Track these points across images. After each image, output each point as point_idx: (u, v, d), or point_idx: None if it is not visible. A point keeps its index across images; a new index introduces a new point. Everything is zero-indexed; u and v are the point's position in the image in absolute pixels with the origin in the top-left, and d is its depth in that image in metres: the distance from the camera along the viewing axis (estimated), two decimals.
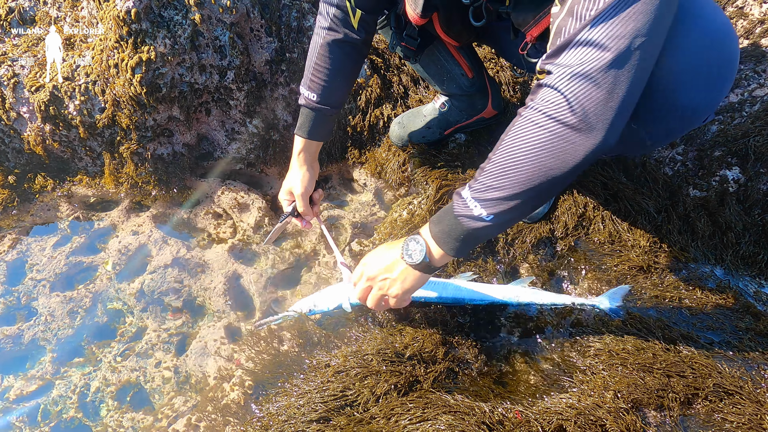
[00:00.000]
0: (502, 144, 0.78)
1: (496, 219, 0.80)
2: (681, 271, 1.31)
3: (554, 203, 1.43)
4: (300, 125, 1.27)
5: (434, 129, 1.55)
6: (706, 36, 0.79)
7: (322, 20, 1.18)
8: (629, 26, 0.67)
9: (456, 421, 0.97)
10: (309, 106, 1.24)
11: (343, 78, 1.23)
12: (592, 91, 0.69)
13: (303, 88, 1.24)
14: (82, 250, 1.58)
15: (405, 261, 0.95)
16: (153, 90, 1.50)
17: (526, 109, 0.76)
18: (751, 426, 0.95)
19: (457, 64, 1.38)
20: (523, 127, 0.75)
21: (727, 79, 0.82)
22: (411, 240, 0.94)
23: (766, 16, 1.60)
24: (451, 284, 1.24)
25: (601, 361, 1.12)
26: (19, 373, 1.34)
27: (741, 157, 1.43)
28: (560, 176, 0.75)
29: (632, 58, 0.68)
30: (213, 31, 1.52)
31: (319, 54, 1.19)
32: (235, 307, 1.44)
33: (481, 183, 0.80)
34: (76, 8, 1.69)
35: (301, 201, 1.30)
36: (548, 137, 0.72)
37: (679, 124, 0.84)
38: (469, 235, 0.84)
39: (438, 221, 0.90)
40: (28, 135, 1.62)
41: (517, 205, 0.78)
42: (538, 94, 0.75)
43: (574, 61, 0.70)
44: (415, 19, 1.09)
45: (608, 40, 0.68)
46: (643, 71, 0.71)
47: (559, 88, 0.71)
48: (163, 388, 1.29)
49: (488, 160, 0.80)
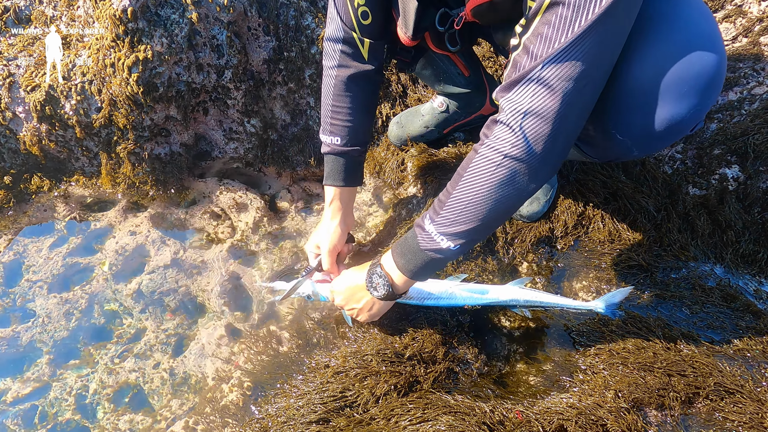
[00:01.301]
0: (461, 180, 0.84)
1: (462, 248, 0.88)
2: (681, 270, 1.31)
3: (554, 202, 1.43)
4: (328, 174, 1.21)
5: (432, 128, 1.55)
6: (683, 46, 0.78)
7: (330, 61, 1.13)
8: (576, 70, 0.72)
9: (456, 421, 0.97)
10: (335, 152, 1.18)
11: (365, 113, 1.18)
12: (541, 129, 0.76)
13: (324, 135, 1.19)
14: (78, 250, 1.57)
15: (370, 293, 1.04)
16: (150, 89, 1.49)
17: (482, 146, 0.82)
18: (752, 425, 0.95)
19: (453, 64, 1.37)
20: (480, 165, 0.82)
21: (708, 90, 0.80)
22: (374, 274, 1.02)
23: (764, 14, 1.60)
24: (444, 290, 1.21)
25: (601, 360, 1.12)
26: (16, 375, 1.33)
27: (740, 155, 1.42)
28: (516, 204, 0.85)
29: (577, 99, 0.74)
30: (210, 30, 1.51)
31: (335, 95, 1.14)
32: (234, 307, 1.43)
33: (445, 218, 0.87)
34: (72, 7, 1.68)
35: (328, 258, 1.21)
36: (504, 173, 0.79)
37: (663, 134, 0.83)
38: (434, 264, 0.93)
39: (402, 254, 0.96)
40: (24, 135, 1.61)
41: (480, 233, 0.87)
42: (493, 131, 0.80)
43: (524, 99, 0.76)
44: (406, 41, 1.07)
45: (557, 82, 0.73)
46: (586, 110, 0.78)
47: (511, 126, 0.77)
48: (161, 390, 1.28)
49: (448, 194, 0.86)
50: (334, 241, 1.22)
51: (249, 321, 1.40)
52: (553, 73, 0.72)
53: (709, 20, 0.82)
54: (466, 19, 0.99)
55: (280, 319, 1.38)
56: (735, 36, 1.62)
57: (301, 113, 1.71)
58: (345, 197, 1.24)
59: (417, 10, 0.98)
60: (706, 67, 0.77)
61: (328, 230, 1.23)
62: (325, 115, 1.17)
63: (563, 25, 0.70)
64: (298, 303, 1.39)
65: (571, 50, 0.70)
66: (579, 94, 0.74)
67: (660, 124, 0.81)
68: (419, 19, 1.00)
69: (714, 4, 1.70)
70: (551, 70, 0.72)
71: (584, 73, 0.72)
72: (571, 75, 0.72)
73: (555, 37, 0.71)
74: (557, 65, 0.72)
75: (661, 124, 0.81)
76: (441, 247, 0.89)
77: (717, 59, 0.78)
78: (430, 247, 0.90)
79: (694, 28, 0.79)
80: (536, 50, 0.73)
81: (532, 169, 0.79)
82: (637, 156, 0.90)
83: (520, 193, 0.82)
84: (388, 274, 1.00)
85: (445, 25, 1.02)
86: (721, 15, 1.68)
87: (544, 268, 1.37)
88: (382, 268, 1.01)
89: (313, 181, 1.78)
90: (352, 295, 1.10)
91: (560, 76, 0.72)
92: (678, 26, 0.79)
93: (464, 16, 0.98)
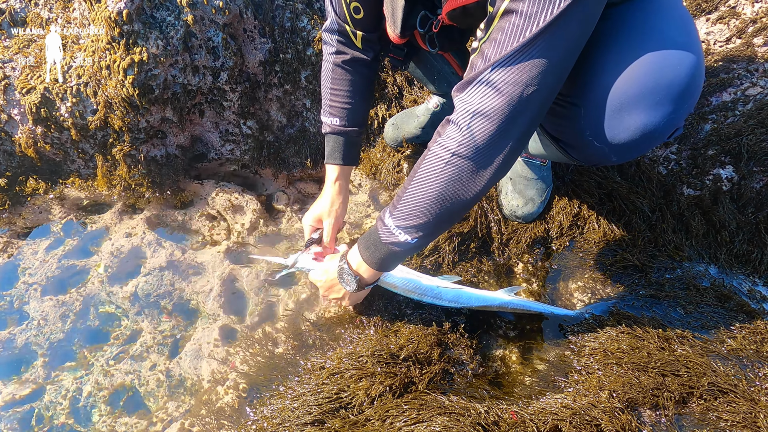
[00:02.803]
0: (415, 176, 0.89)
1: (420, 241, 0.93)
2: (675, 270, 1.31)
3: (549, 203, 1.43)
4: (330, 153, 1.27)
5: (428, 129, 1.55)
6: (656, 55, 0.78)
7: (328, 48, 1.19)
8: (524, 75, 0.74)
9: (451, 422, 0.97)
10: (335, 132, 1.24)
11: (361, 97, 1.23)
12: (487, 129, 0.79)
13: (324, 117, 1.25)
14: (74, 253, 1.57)
15: (343, 287, 1.13)
16: (145, 91, 1.49)
17: (434, 144, 0.87)
18: (746, 424, 0.95)
19: (447, 63, 1.38)
20: (432, 162, 0.86)
21: (683, 97, 0.80)
22: (343, 271, 1.10)
23: (758, 16, 1.61)
24: (432, 287, 1.24)
25: (596, 360, 1.12)
26: (12, 377, 1.32)
27: (734, 156, 1.43)
28: (468, 201, 0.88)
29: (524, 103, 0.77)
30: (206, 32, 1.51)
31: (333, 78, 1.20)
32: (230, 309, 1.43)
33: (401, 212, 0.92)
34: (68, 9, 1.68)
35: (331, 229, 1.29)
36: (453, 171, 0.84)
37: (639, 142, 0.84)
38: (396, 255, 0.99)
39: (366, 246, 1.03)
40: (20, 137, 1.61)
41: (434, 227, 0.91)
42: (446, 129, 0.85)
43: (474, 100, 0.79)
44: (395, 39, 1.11)
45: (504, 85, 0.76)
46: (537, 115, 0.80)
47: (461, 125, 0.81)
48: (157, 392, 1.28)
49: (404, 189, 0.91)
50: (338, 213, 1.29)
51: (245, 322, 1.40)
52: (501, 76, 0.76)
53: (685, 27, 0.83)
54: (443, 23, 1.01)
55: (276, 321, 1.38)
56: (729, 37, 1.63)
57: (297, 115, 1.71)
58: (346, 174, 1.30)
59: (404, 9, 1.00)
60: (680, 75, 0.78)
61: (333, 205, 1.29)
62: (325, 98, 1.23)
63: (514, 32, 0.73)
64: (294, 304, 1.40)
65: (518, 55, 0.74)
66: (526, 99, 0.77)
67: (635, 132, 0.82)
68: (406, 17, 1.03)
69: (707, 5, 1.71)
70: (499, 73, 0.76)
71: (531, 78, 0.75)
72: (518, 79, 0.75)
73: (505, 42, 0.74)
74: (505, 69, 0.75)
75: (636, 133, 0.82)
76: (399, 240, 0.94)
77: (691, 67, 0.78)
78: (390, 240, 0.96)
79: (667, 36, 0.80)
80: (488, 53, 0.77)
81: (478, 167, 0.83)
82: (616, 162, 0.92)
83: (468, 190, 0.86)
84: (355, 270, 1.08)
85: (425, 27, 1.05)
86: (715, 16, 1.68)
87: (539, 268, 1.38)
88: (349, 265, 1.08)
89: (309, 182, 1.78)
90: (331, 287, 1.19)
91: (507, 79, 0.75)
92: (651, 35, 0.80)
93: (441, 20, 1.00)
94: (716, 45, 1.64)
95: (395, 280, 1.22)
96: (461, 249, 1.38)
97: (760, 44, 1.55)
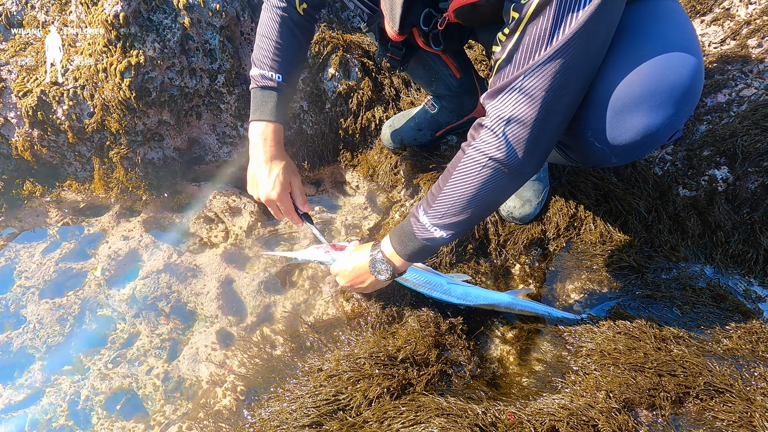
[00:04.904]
0: (451, 177, 0.92)
1: (453, 236, 0.98)
2: (672, 271, 1.32)
3: (546, 204, 1.44)
4: (257, 108, 1.16)
5: (425, 131, 1.56)
6: (658, 58, 0.79)
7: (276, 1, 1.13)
8: (555, 81, 0.76)
9: (449, 423, 0.97)
10: (271, 87, 1.15)
11: (301, 59, 1.20)
12: (521, 135, 0.82)
13: (264, 69, 1.14)
14: (71, 256, 1.57)
15: (374, 276, 1.13)
16: (142, 94, 1.49)
17: (469, 147, 0.89)
18: (742, 424, 0.96)
19: (445, 65, 1.38)
20: (468, 165, 0.89)
21: (684, 100, 0.80)
22: (376, 261, 1.10)
23: (752, 17, 1.62)
24: (443, 282, 1.25)
25: (593, 361, 1.12)
26: (7, 382, 1.32)
27: (729, 157, 1.44)
28: (501, 200, 0.95)
29: (556, 107, 0.80)
30: (203, 35, 1.51)
31: (280, 32, 1.13)
32: (228, 311, 1.43)
33: (436, 210, 0.95)
34: (65, 12, 1.68)
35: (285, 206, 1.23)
36: (489, 174, 0.87)
37: (640, 144, 0.85)
38: (429, 249, 1.03)
39: (400, 241, 1.05)
40: (16, 140, 1.60)
41: (468, 224, 0.95)
42: (480, 133, 0.87)
43: (507, 107, 0.81)
44: (393, 36, 1.11)
45: (537, 92, 0.78)
46: (567, 116, 0.84)
47: (495, 131, 0.84)
48: (155, 395, 1.28)
49: (439, 188, 0.94)
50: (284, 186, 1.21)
51: (243, 325, 1.40)
52: (533, 83, 0.77)
53: (685, 31, 0.84)
54: (449, 20, 1.01)
55: (274, 323, 1.38)
56: (723, 39, 1.64)
57: (294, 117, 1.72)
58: (278, 136, 1.19)
59: (403, 5, 1.00)
60: (681, 78, 0.78)
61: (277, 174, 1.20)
62: (266, 50, 1.14)
63: (544, 37, 0.74)
64: (291, 306, 1.40)
65: (549, 62, 0.75)
66: (558, 103, 0.79)
67: (636, 134, 0.83)
68: (405, 13, 1.03)
69: (702, 7, 1.72)
70: (532, 80, 0.77)
71: (564, 83, 0.77)
72: (550, 85, 0.77)
73: (536, 48, 0.75)
74: (536, 76, 0.77)
75: (637, 134, 0.83)
76: (435, 236, 0.98)
77: (692, 70, 0.79)
78: (425, 236, 0.99)
79: (669, 39, 0.81)
80: (519, 60, 0.78)
81: (513, 170, 0.87)
82: (617, 163, 0.93)
83: (503, 191, 0.91)
84: (390, 260, 1.08)
85: (429, 24, 1.06)
86: (710, 18, 1.69)
87: (536, 270, 1.38)
88: (384, 254, 1.09)
89: (306, 184, 1.78)
90: (357, 278, 1.18)
91: (539, 86, 0.77)
92: (653, 38, 0.81)
93: (447, 17, 1.00)
94: (711, 46, 1.65)
95: (408, 273, 1.23)
96: (458, 250, 1.38)
97: (755, 46, 1.56)
